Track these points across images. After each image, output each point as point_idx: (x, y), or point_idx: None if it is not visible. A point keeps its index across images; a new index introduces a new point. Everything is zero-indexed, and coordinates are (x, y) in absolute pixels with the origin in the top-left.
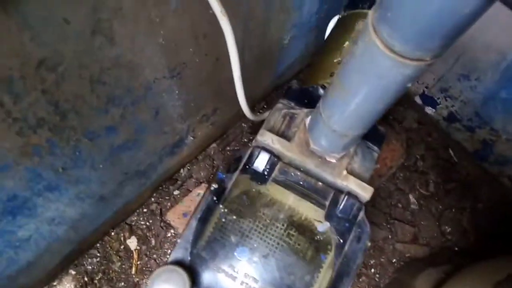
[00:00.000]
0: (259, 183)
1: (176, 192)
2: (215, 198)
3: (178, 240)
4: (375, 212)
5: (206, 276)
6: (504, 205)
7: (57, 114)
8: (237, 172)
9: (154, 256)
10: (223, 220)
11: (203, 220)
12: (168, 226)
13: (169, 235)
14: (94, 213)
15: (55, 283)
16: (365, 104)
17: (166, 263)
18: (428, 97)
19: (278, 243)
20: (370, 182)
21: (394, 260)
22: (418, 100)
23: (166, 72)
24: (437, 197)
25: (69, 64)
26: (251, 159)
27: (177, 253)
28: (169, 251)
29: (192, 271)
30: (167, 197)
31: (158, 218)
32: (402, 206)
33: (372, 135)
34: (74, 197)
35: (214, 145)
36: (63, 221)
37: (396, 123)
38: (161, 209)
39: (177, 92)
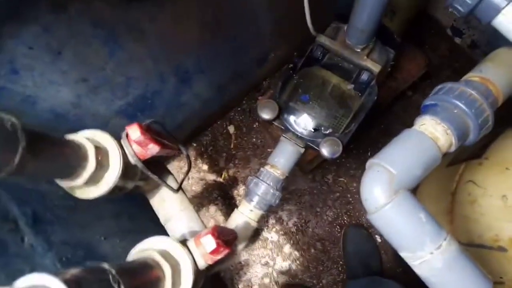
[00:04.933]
0: (316, 65)
1: (260, 97)
2: (291, 72)
3: (271, 91)
4: (405, 116)
5: (285, 109)
6: None
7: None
8: (304, 57)
9: (245, 138)
10: (295, 82)
11: (284, 83)
12: (254, 120)
13: (255, 126)
14: (213, 99)
15: None
16: None
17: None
18: (456, 29)
19: (326, 95)
20: (384, 71)
21: None
22: (449, 32)
23: None
24: None
25: None
26: (312, 51)
27: (270, 97)
28: (255, 136)
29: (279, 105)
30: (253, 100)
31: (248, 114)
32: None
33: (390, 43)
34: (208, 81)
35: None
36: (200, 98)
37: (430, 51)
38: (249, 109)
39: (268, 15)
